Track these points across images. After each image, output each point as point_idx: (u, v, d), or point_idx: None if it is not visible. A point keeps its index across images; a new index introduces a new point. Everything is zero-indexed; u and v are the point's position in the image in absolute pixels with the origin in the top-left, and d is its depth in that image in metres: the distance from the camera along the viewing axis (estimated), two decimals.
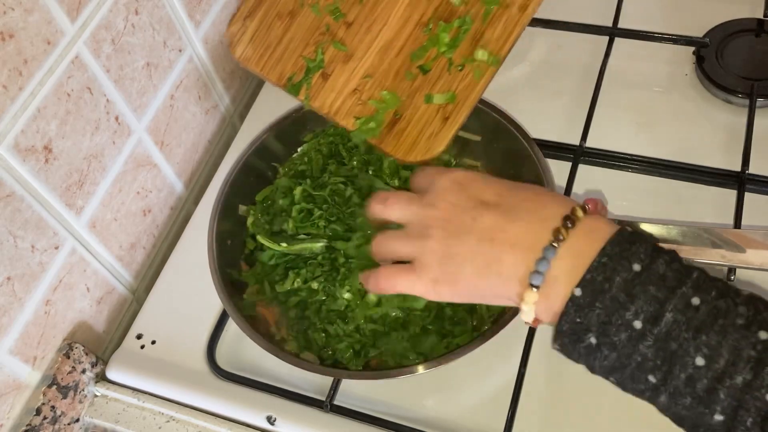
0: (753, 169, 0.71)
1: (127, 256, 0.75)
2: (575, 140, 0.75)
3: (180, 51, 0.77)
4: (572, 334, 0.45)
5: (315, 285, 0.66)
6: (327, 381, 0.65)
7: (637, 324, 0.42)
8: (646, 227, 0.65)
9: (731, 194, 0.70)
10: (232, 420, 0.66)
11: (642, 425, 0.60)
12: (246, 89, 0.91)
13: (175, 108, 0.78)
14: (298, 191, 0.70)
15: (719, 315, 0.41)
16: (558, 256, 0.46)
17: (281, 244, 0.68)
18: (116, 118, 0.69)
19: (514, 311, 0.60)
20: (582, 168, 0.74)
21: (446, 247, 0.51)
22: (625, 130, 0.77)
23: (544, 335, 0.65)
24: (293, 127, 0.76)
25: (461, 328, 0.64)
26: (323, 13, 0.72)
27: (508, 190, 0.52)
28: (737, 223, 0.67)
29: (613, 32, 0.83)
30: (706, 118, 0.77)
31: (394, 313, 0.64)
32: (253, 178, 0.74)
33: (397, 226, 0.58)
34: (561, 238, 0.46)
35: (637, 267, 0.43)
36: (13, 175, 0.58)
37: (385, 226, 0.60)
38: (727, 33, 0.80)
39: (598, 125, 0.76)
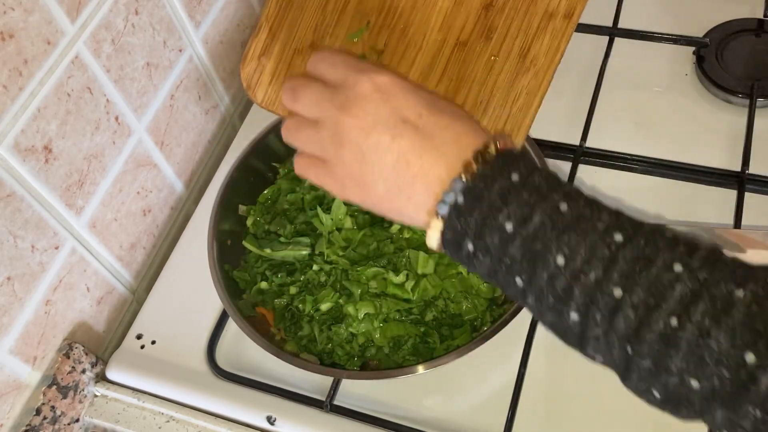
0: (753, 169, 0.71)
1: (127, 256, 0.75)
2: (575, 140, 0.75)
3: (180, 51, 0.77)
4: (453, 242, 0.47)
5: (293, 290, 0.66)
6: (327, 381, 0.65)
7: (509, 226, 0.44)
8: None
9: (731, 194, 0.70)
10: (232, 420, 0.66)
11: (642, 425, 0.60)
12: None
13: (175, 108, 0.78)
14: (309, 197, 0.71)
15: (582, 219, 0.43)
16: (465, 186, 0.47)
17: (265, 249, 0.69)
18: (116, 118, 0.69)
19: (513, 311, 0.61)
20: (582, 168, 0.74)
21: (361, 160, 0.49)
22: (625, 130, 0.77)
23: (544, 335, 0.65)
24: None
25: (460, 329, 0.64)
26: (350, 42, 0.65)
27: (428, 110, 0.50)
28: (737, 223, 0.67)
29: (613, 32, 0.83)
30: (706, 118, 0.77)
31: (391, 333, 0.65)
32: (253, 178, 0.74)
33: None
34: (470, 171, 0.47)
35: (515, 177, 0.45)
36: (13, 175, 0.58)
37: None
38: (727, 33, 0.80)
39: (598, 125, 0.76)
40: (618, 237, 0.42)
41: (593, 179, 0.74)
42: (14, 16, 0.55)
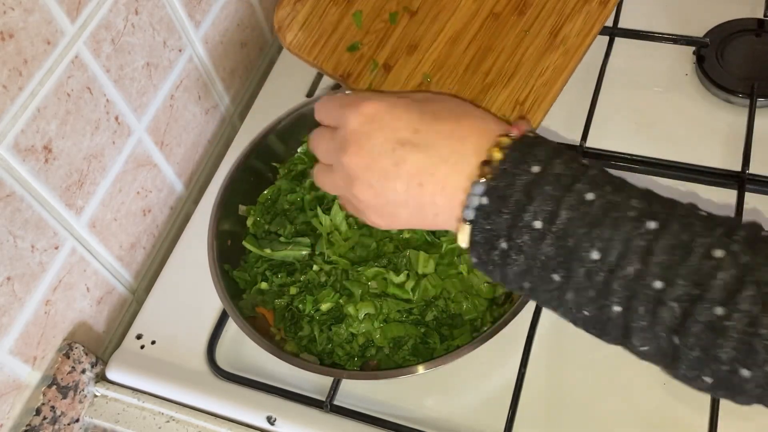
0: (753, 169, 0.71)
1: (127, 256, 0.75)
2: (575, 140, 0.75)
3: (180, 51, 0.77)
4: (485, 243, 0.46)
5: (293, 290, 0.66)
6: (327, 381, 0.65)
7: (537, 224, 0.43)
8: None
9: (731, 194, 0.70)
10: (232, 420, 0.66)
11: (642, 425, 0.60)
12: (246, 89, 0.91)
13: (175, 108, 0.78)
14: (309, 197, 0.71)
15: (612, 209, 0.42)
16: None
17: (265, 249, 0.69)
18: (116, 118, 0.69)
19: (514, 311, 0.61)
20: None
21: (374, 194, 0.50)
22: (625, 130, 0.77)
23: (545, 335, 0.65)
24: (293, 127, 0.76)
25: (460, 329, 0.64)
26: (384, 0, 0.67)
27: (423, 123, 0.49)
28: None
29: (613, 32, 0.83)
30: (706, 118, 0.77)
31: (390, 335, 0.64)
32: (253, 178, 0.74)
33: None
34: (488, 171, 0.46)
35: (536, 169, 0.44)
36: (13, 175, 0.58)
37: None
38: (727, 33, 0.80)
39: (598, 125, 0.76)
40: (652, 225, 0.41)
41: None
42: (14, 16, 0.55)
